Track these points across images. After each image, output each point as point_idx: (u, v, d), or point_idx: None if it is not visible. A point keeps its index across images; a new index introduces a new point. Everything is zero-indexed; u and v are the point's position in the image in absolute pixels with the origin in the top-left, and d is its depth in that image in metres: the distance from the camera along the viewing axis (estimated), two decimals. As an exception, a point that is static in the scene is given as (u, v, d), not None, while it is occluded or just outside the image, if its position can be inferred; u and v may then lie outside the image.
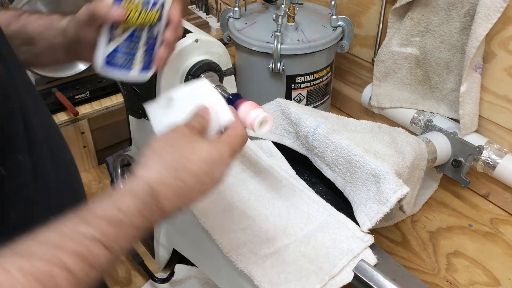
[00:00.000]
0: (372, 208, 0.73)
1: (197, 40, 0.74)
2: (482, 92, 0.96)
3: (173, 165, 0.50)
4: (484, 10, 0.86)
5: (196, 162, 0.50)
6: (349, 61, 1.26)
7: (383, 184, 0.71)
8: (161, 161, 0.50)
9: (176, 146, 0.51)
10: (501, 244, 0.93)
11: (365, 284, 0.65)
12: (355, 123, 0.88)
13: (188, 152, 0.51)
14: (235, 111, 0.62)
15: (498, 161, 0.93)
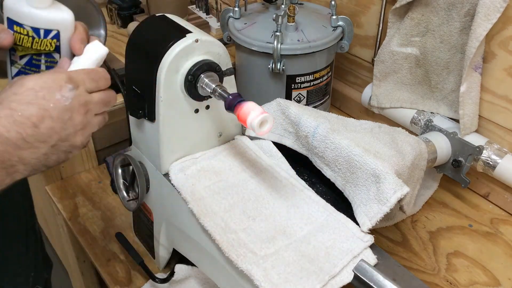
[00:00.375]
0: (372, 208, 0.73)
1: (197, 40, 0.74)
2: (482, 92, 0.96)
3: (0, 101, 0.52)
4: (484, 10, 0.86)
5: (23, 92, 0.52)
6: (349, 61, 1.26)
7: (383, 184, 0.71)
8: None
9: (12, 85, 0.53)
10: (501, 244, 0.93)
11: (365, 284, 0.65)
12: (355, 123, 0.88)
13: (14, 91, 0.52)
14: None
15: (498, 161, 0.93)
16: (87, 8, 1.11)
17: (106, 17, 1.35)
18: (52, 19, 0.57)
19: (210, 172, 0.81)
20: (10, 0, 0.57)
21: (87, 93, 0.57)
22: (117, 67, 1.20)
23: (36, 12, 0.56)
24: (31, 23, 0.57)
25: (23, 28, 0.57)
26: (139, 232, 1.00)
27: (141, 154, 0.87)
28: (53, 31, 0.58)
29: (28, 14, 0.56)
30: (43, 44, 0.59)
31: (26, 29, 0.57)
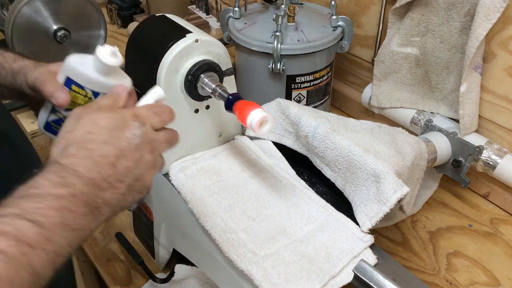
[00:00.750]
0: (372, 208, 0.73)
1: (197, 40, 0.74)
2: (482, 92, 0.96)
3: (75, 142, 0.50)
4: (484, 10, 0.86)
5: (97, 132, 0.50)
6: (349, 61, 1.26)
7: (383, 184, 0.71)
8: (64, 143, 0.50)
9: (77, 128, 0.51)
10: (501, 244, 0.93)
11: (365, 284, 0.65)
12: (355, 123, 0.88)
13: (88, 125, 0.51)
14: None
15: (498, 161, 0.93)
16: (87, 8, 1.11)
17: (106, 17, 1.35)
18: (108, 83, 0.57)
19: (210, 172, 0.81)
20: (74, 62, 0.57)
21: (153, 130, 0.54)
22: (117, 67, 1.20)
23: (101, 78, 0.56)
24: (93, 87, 0.57)
25: (83, 90, 0.57)
26: (139, 232, 1.00)
27: (141, 154, 0.87)
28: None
29: (93, 79, 0.56)
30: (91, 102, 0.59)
31: (86, 91, 0.57)
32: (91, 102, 0.57)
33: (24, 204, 0.43)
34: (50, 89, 0.56)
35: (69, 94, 0.56)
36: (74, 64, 0.56)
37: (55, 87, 0.56)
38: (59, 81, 0.57)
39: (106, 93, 0.57)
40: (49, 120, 0.60)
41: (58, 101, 0.56)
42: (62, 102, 0.56)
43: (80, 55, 0.57)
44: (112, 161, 0.50)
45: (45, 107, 0.60)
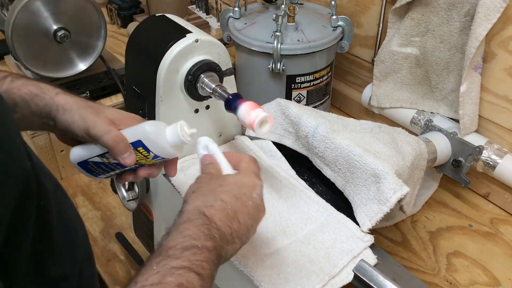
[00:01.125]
0: (372, 208, 0.73)
1: (197, 40, 0.74)
2: (482, 92, 0.96)
3: (210, 192, 0.55)
4: (484, 10, 0.86)
5: (228, 185, 0.55)
6: (349, 61, 1.26)
7: (383, 184, 0.71)
8: (201, 193, 0.55)
9: (209, 183, 0.56)
10: (501, 244, 0.93)
11: (365, 284, 0.65)
12: (355, 123, 0.88)
13: (219, 182, 0.56)
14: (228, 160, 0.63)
15: (498, 161, 0.93)
16: (87, 8, 1.11)
17: (106, 17, 1.35)
18: (174, 153, 0.62)
19: (210, 172, 0.81)
20: (151, 129, 0.60)
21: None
22: (117, 67, 1.20)
23: (169, 148, 0.60)
24: (158, 153, 0.60)
25: (148, 153, 0.60)
26: (139, 232, 1.00)
27: (141, 154, 0.87)
28: (165, 158, 0.62)
29: (162, 147, 0.60)
30: (148, 161, 0.62)
31: (150, 154, 0.60)
32: (147, 159, 0.61)
33: (190, 256, 0.48)
34: (122, 148, 0.58)
35: (135, 156, 0.60)
36: (152, 132, 0.60)
37: (126, 147, 0.58)
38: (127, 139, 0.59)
39: (165, 157, 0.61)
40: (90, 160, 0.62)
41: (126, 162, 0.58)
42: (130, 163, 0.59)
43: (154, 123, 0.61)
44: (239, 218, 0.54)
45: (91, 148, 0.61)
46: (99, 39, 1.15)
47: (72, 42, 1.11)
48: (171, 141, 0.60)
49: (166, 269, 0.46)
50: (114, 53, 1.32)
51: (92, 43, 1.15)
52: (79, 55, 1.15)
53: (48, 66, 1.11)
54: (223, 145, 0.86)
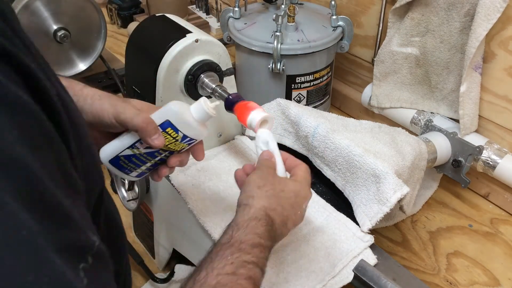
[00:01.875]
0: (372, 208, 0.73)
1: (197, 40, 0.74)
2: (482, 92, 0.96)
3: (274, 195, 0.59)
4: (484, 10, 0.86)
5: (289, 192, 0.60)
6: (349, 61, 1.26)
7: (383, 184, 0.71)
8: (266, 193, 0.59)
9: (270, 181, 0.60)
10: (501, 244, 0.93)
11: (365, 284, 0.65)
12: (355, 123, 0.88)
13: (281, 186, 0.60)
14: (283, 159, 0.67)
15: (498, 161, 0.93)
16: (87, 8, 1.11)
17: (106, 17, 1.35)
18: (201, 132, 0.63)
19: (210, 172, 0.81)
20: (177, 107, 0.61)
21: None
22: (117, 67, 1.20)
23: (196, 125, 0.62)
24: (186, 131, 0.61)
25: (177, 133, 0.61)
26: (139, 232, 1.00)
27: (141, 154, 0.87)
28: (193, 140, 0.63)
29: (190, 124, 0.61)
30: (177, 146, 0.62)
31: (179, 134, 0.61)
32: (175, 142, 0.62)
33: (258, 254, 0.53)
34: (151, 129, 0.59)
35: (163, 138, 0.60)
36: (178, 110, 0.61)
37: (155, 129, 0.59)
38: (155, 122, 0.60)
39: (193, 138, 0.63)
40: (121, 154, 0.62)
41: (156, 143, 0.59)
42: (160, 144, 0.59)
43: (179, 103, 0.62)
44: (287, 224, 0.59)
45: (121, 140, 0.62)
46: (99, 39, 1.15)
47: (72, 42, 1.11)
48: (197, 117, 0.61)
49: (239, 261, 0.51)
50: (114, 53, 1.32)
51: (92, 43, 1.15)
52: (79, 55, 1.15)
53: (48, 66, 1.11)
54: (223, 145, 0.86)
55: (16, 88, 0.31)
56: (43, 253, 0.29)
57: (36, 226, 0.29)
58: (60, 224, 0.31)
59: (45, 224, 0.30)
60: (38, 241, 0.29)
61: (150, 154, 0.62)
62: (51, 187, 0.31)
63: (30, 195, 0.30)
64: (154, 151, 0.62)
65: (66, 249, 0.31)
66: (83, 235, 0.33)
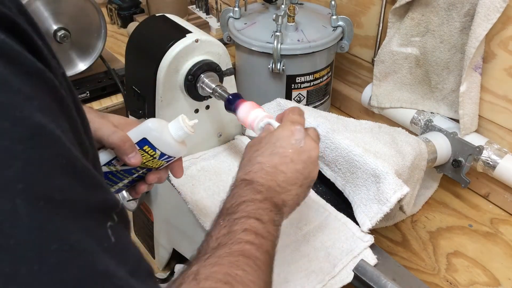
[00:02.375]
0: (372, 208, 0.73)
1: (197, 40, 0.74)
2: (482, 92, 0.96)
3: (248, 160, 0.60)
4: (484, 10, 0.86)
5: (263, 147, 0.59)
6: (349, 61, 1.26)
7: (383, 184, 0.71)
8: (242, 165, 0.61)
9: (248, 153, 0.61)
10: (501, 244, 0.93)
11: (365, 284, 0.65)
12: (355, 123, 0.88)
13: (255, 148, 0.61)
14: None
15: (498, 161, 0.93)
16: (87, 8, 1.11)
17: (106, 17, 1.35)
18: (179, 150, 0.63)
19: (210, 172, 0.81)
20: (155, 125, 0.61)
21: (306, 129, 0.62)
22: (117, 67, 1.20)
23: (173, 143, 0.61)
24: (164, 149, 0.61)
25: (154, 151, 0.60)
26: (139, 232, 1.00)
27: (141, 154, 0.87)
28: (172, 157, 0.63)
29: (167, 142, 0.61)
30: (155, 163, 0.62)
31: (156, 152, 0.61)
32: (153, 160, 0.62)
33: (245, 208, 0.53)
34: (127, 148, 0.58)
35: (140, 156, 0.60)
36: (155, 128, 0.61)
37: (132, 147, 0.59)
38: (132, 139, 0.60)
39: (171, 155, 0.62)
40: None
41: (132, 161, 0.59)
42: (136, 162, 0.59)
43: (157, 120, 0.62)
44: (282, 169, 0.58)
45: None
46: (99, 39, 1.15)
47: (72, 42, 1.11)
48: (175, 135, 0.61)
49: (230, 221, 0.52)
50: (114, 53, 1.32)
51: (92, 43, 1.15)
52: (79, 55, 1.15)
53: (48, 66, 1.10)
54: (223, 145, 0.86)
55: (31, 57, 0.32)
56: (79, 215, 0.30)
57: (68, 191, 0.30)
58: (90, 187, 0.32)
59: (77, 188, 0.31)
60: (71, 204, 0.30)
61: (127, 171, 0.61)
62: (76, 153, 0.32)
63: (59, 160, 0.30)
64: (131, 169, 0.61)
65: (97, 210, 0.32)
66: (110, 195, 0.34)
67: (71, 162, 0.31)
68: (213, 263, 0.46)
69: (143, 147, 0.60)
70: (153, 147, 0.60)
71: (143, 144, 0.60)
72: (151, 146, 0.60)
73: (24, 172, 0.28)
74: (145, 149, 0.60)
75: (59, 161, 0.30)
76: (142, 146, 0.60)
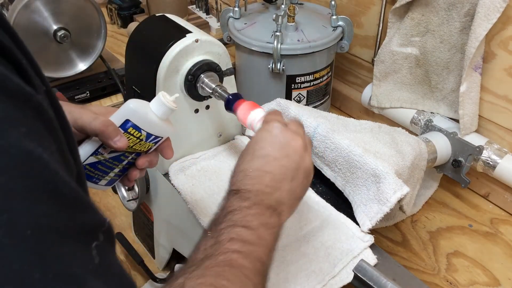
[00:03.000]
0: (372, 208, 0.73)
1: (197, 40, 0.74)
2: (482, 92, 0.96)
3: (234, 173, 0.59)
4: (484, 10, 0.86)
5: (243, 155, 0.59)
6: (349, 61, 1.26)
7: (383, 184, 0.71)
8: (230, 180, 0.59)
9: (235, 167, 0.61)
10: (501, 244, 0.93)
11: (365, 284, 0.65)
12: (355, 123, 0.88)
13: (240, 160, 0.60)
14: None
15: (498, 161, 0.93)
16: (87, 8, 1.11)
17: (106, 17, 1.36)
18: (165, 129, 0.61)
19: (210, 172, 0.81)
20: (136, 105, 0.59)
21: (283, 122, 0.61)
22: (117, 67, 1.20)
23: (158, 121, 0.59)
24: (149, 129, 0.59)
25: (140, 132, 0.59)
26: (139, 232, 1.00)
27: (141, 154, 0.87)
28: (159, 138, 0.61)
29: (151, 121, 0.59)
30: (143, 146, 0.60)
31: (142, 133, 0.59)
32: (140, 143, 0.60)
33: (231, 217, 0.53)
34: (111, 132, 0.57)
35: (126, 139, 0.58)
36: (136, 108, 0.59)
37: (115, 130, 0.57)
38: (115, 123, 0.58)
39: (158, 136, 0.60)
40: (85, 163, 0.60)
41: (118, 145, 0.57)
42: (122, 146, 0.57)
43: (137, 100, 0.60)
44: (266, 169, 0.57)
45: (83, 148, 0.59)
46: (99, 39, 1.15)
47: (72, 42, 1.11)
48: (158, 112, 0.59)
49: (216, 231, 0.52)
50: (114, 53, 1.32)
51: (92, 43, 1.15)
52: (79, 55, 1.15)
53: (48, 66, 1.11)
54: (223, 145, 0.86)
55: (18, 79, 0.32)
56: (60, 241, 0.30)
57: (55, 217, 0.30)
58: (76, 209, 0.32)
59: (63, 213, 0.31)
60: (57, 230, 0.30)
61: (116, 158, 0.60)
62: (63, 175, 0.32)
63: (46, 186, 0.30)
64: (120, 155, 0.60)
65: (83, 232, 0.32)
66: (96, 214, 0.34)
67: (58, 187, 0.31)
68: (199, 275, 0.46)
69: (127, 129, 0.58)
70: (137, 128, 0.58)
71: (127, 127, 0.58)
72: (136, 127, 0.58)
73: (9, 202, 0.28)
74: (130, 132, 0.58)
75: (45, 188, 0.30)
76: (127, 128, 0.58)
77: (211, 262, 0.47)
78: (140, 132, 0.59)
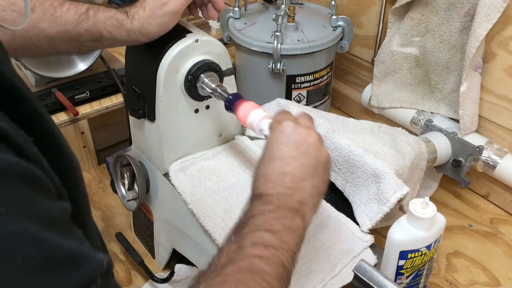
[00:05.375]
0: (372, 208, 0.73)
1: (197, 40, 0.74)
2: (482, 92, 0.96)
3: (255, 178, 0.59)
4: (484, 10, 0.86)
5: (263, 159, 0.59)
6: (349, 61, 1.26)
7: (383, 184, 0.72)
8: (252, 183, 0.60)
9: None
10: (501, 244, 0.93)
11: (365, 284, 0.65)
12: (355, 123, 0.88)
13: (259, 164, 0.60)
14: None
15: (498, 161, 0.93)
16: (87, 8, 1.11)
17: (106, 17, 1.35)
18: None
19: (210, 172, 0.81)
20: (400, 235, 0.65)
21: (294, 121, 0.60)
22: (117, 67, 1.20)
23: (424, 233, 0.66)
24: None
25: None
26: (139, 232, 1.00)
27: (141, 154, 0.87)
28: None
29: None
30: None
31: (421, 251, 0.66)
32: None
33: (254, 221, 0.53)
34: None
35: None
36: (401, 237, 0.67)
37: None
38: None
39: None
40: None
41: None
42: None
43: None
44: (286, 171, 0.57)
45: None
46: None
47: (72, 42, 1.11)
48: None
49: (240, 236, 0.52)
50: (114, 53, 1.32)
51: (92, 43, 1.15)
52: (79, 55, 1.15)
53: (48, 66, 1.10)
54: (223, 145, 0.86)
55: (13, 157, 0.32)
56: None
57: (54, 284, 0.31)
58: (74, 268, 0.33)
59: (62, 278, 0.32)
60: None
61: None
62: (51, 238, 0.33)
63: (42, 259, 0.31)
64: None
65: (80, 285, 0.33)
66: (93, 261, 0.35)
67: (54, 255, 0.32)
68: (220, 281, 0.46)
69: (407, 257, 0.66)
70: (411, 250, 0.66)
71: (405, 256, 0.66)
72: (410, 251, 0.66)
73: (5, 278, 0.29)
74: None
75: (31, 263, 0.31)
76: (406, 256, 0.66)
77: (233, 268, 0.48)
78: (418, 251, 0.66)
